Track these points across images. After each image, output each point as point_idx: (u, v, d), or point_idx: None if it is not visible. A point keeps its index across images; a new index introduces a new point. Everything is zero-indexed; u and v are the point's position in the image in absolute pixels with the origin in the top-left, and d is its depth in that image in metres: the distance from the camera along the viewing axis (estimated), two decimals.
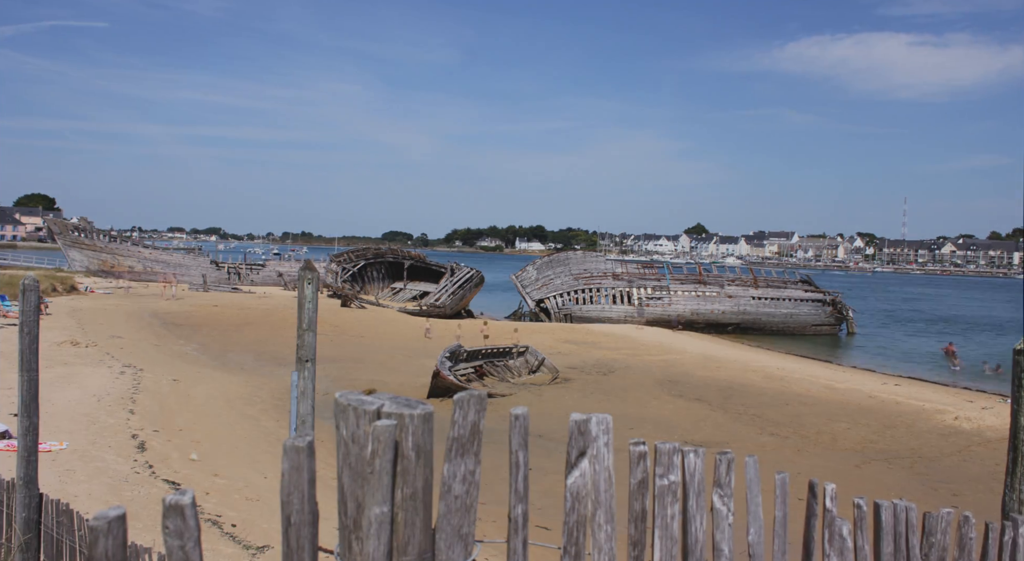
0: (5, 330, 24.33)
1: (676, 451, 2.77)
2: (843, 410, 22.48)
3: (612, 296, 51.58)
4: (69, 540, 5.77)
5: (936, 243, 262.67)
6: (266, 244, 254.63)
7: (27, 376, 5.99)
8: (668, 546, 2.72)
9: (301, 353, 6.65)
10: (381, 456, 1.90)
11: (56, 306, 34.21)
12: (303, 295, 6.53)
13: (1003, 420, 19.52)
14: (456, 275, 54.98)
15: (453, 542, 2.17)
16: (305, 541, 1.96)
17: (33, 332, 5.98)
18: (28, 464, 5.99)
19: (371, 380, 23.47)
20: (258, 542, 8.81)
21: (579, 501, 2.51)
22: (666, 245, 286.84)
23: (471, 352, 26.76)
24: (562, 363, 28.76)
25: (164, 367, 21.61)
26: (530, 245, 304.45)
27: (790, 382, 27.46)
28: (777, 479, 3.13)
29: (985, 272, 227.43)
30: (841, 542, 3.04)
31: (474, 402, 2.23)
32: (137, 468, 11.42)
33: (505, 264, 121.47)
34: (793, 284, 54.66)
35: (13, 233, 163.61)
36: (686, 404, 22.53)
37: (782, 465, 15.14)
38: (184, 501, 1.82)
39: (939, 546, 3.27)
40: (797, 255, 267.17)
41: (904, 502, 3.23)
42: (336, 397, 2.09)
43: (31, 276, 5.98)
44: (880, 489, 14.28)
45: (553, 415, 19.23)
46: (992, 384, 30.04)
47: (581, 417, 2.56)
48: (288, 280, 63.08)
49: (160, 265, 61.83)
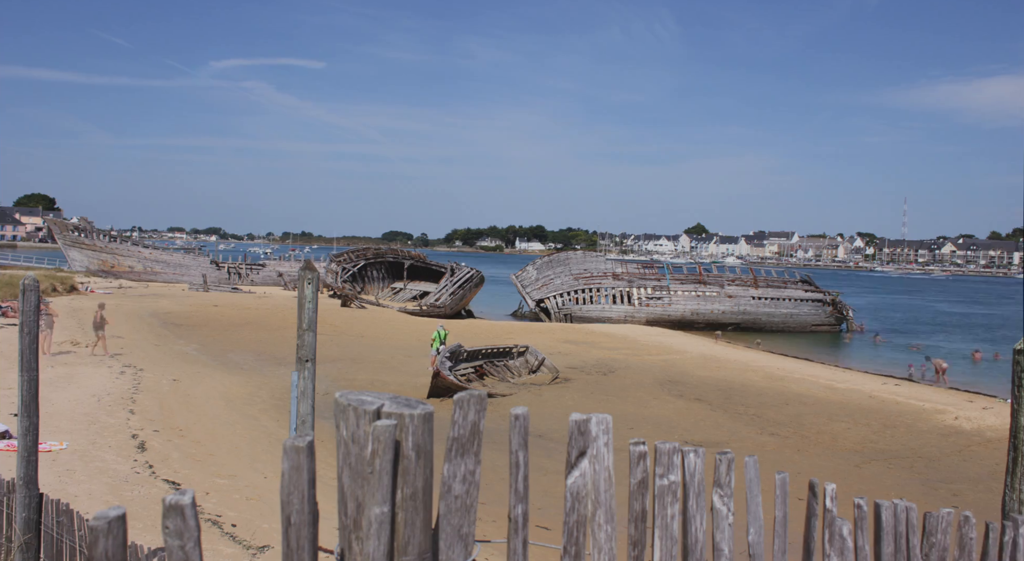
0: (5, 330, 24.33)
1: (676, 451, 2.77)
2: (843, 410, 22.48)
3: (612, 296, 51.59)
4: (69, 540, 5.77)
5: (936, 243, 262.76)
6: (265, 243, 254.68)
7: (27, 376, 5.99)
8: (668, 546, 2.72)
9: (301, 353, 6.65)
10: (381, 456, 1.90)
11: (56, 306, 34.21)
12: (303, 295, 6.53)
13: (1003, 420, 19.52)
14: (456, 275, 54.97)
15: (453, 542, 2.17)
16: (305, 541, 1.95)
17: (33, 332, 5.98)
18: (28, 464, 5.99)
19: (371, 380, 23.47)
20: (258, 542, 8.81)
21: (579, 501, 2.51)
22: (666, 245, 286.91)
23: (471, 352, 26.77)
24: (562, 363, 28.76)
25: (164, 367, 21.61)
26: (530, 245, 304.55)
27: (790, 382, 27.47)
28: (777, 479, 3.13)
29: (985, 272, 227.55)
30: (841, 542, 3.04)
31: (474, 402, 2.23)
32: (137, 468, 11.42)
33: (505, 264, 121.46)
34: (793, 284, 54.68)
35: (13, 233, 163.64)
36: (686, 404, 22.53)
37: (782, 465, 15.14)
38: (184, 501, 1.82)
39: (939, 546, 3.27)
40: (797, 255, 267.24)
41: (904, 502, 3.23)
42: (336, 397, 2.09)
43: (31, 276, 5.98)
44: (880, 489, 14.29)
45: (553, 415, 19.24)
46: (993, 385, 30.04)
47: (581, 417, 2.56)
48: (288, 280, 63.08)
49: (160, 265, 61.83)
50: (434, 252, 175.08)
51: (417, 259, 64.63)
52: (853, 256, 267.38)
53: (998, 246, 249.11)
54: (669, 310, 51.42)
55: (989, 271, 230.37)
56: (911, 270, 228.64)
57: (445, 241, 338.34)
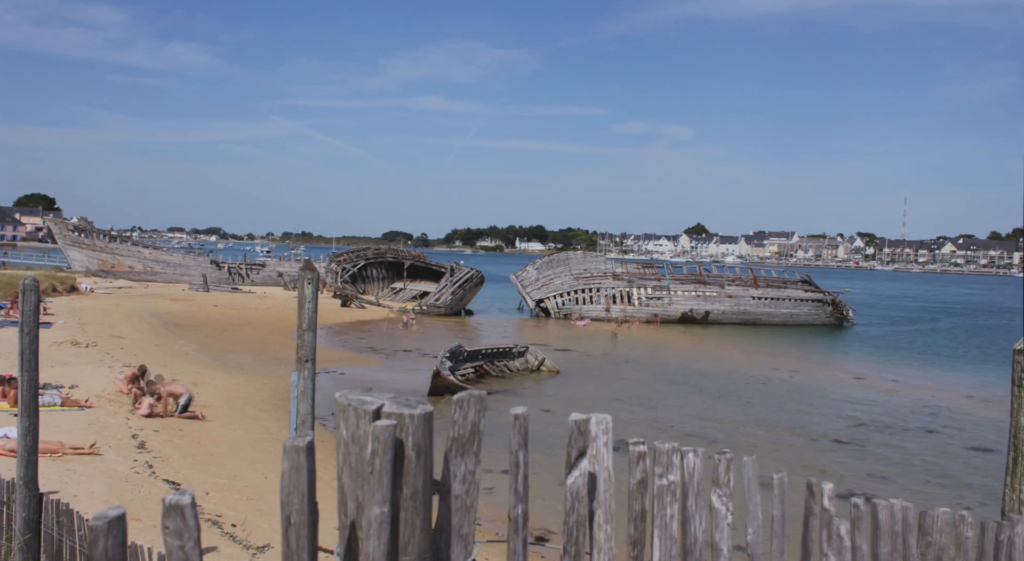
0: (5, 330, 24.33)
1: (675, 451, 2.77)
2: (843, 408, 22.53)
3: (612, 296, 51.60)
4: (69, 540, 5.78)
5: (936, 243, 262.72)
6: (265, 243, 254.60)
7: (27, 376, 6.00)
8: (667, 546, 2.73)
9: (301, 353, 6.66)
10: (381, 456, 1.91)
11: (56, 306, 34.21)
12: (303, 295, 6.54)
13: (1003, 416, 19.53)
14: (456, 275, 54.94)
15: (453, 542, 2.18)
16: (305, 541, 1.96)
17: (33, 332, 5.99)
18: (28, 464, 6.00)
19: (371, 379, 23.49)
20: (258, 542, 8.82)
21: (579, 501, 2.52)
22: (666, 245, 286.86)
23: (471, 352, 26.77)
24: (562, 363, 28.80)
25: (164, 367, 21.59)
26: (530, 245, 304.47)
27: (790, 380, 27.50)
28: (775, 479, 3.14)
29: (985, 272, 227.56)
30: (839, 542, 3.04)
31: (474, 402, 2.24)
32: (137, 468, 11.43)
33: (505, 264, 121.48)
34: (793, 284, 54.69)
35: (13, 233, 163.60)
36: (686, 403, 22.55)
37: (782, 465, 15.15)
38: (184, 501, 1.82)
39: (936, 545, 3.28)
40: (797, 255, 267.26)
41: (901, 501, 3.24)
42: (336, 397, 2.10)
43: (31, 276, 5.99)
44: (880, 489, 14.30)
45: (554, 415, 19.25)
46: (993, 384, 30.04)
47: (581, 417, 2.57)
48: (288, 280, 63.05)
49: (160, 265, 61.81)
50: (434, 252, 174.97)
51: (417, 259, 64.56)
52: (853, 256, 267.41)
53: (998, 246, 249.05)
54: (669, 310, 51.44)
55: (989, 271, 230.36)
56: (911, 270, 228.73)
57: (445, 241, 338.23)
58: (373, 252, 65.57)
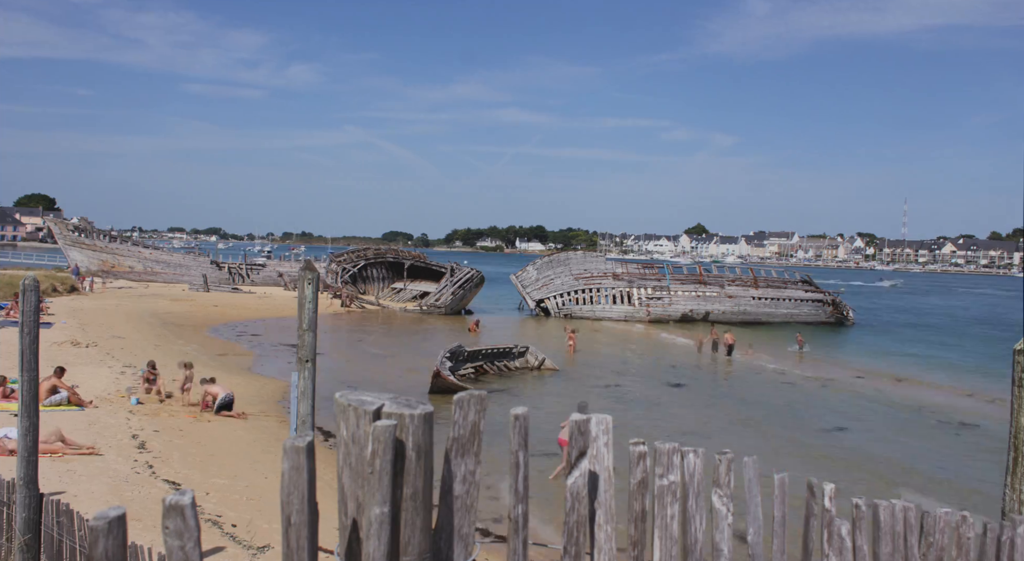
0: (6, 330, 24.32)
1: (676, 451, 2.77)
2: (844, 408, 22.53)
3: (612, 296, 51.59)
4: (69, 540, 5.77)
5: (936, 243, 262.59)
6: (264, 243, 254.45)
7: (27, 376, 6.00)
8: (668, 546, 2.72)
9: (301, 353, 6.66)
10: (381, 456, 1.91)
11: (56, 306, 34.20)
12: (303, 295, 6.54)
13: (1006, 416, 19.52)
14: (456, 275, 54.93)
15: (453, 542, 2.18)
16: (305, 541, 1.96)
17: (33, 332, 5.99)
18: (28, 464, 6.00)
19: (371, 379, 23.49)
20: (258, 542, 8.82)
21: (579, 501, 2.51)
22: (666, 245, 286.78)
23: (471, 352, 26.76)
24: (562, 362, 28.81)
25: (164, 367, 21.59)
26: (530, 245, 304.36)
27: (790, 379, 27.49)
28: (776, 479, 3.13)
29: (985, 271, 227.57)
30: (840, 542, 3.04)
31: (474, 402, 2.24)
32: (137, 468, 11.43)
33: (505, 264, 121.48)
34: (793, 284, 54.70)
35: (13, 233, 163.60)
36: (686, 402, 22.55)
37: (782, 464, 15.15)
38: (184, 501, 1.82)
39: (937, 546, 3.28)
40: (797, 255, 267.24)
41: (902, 502, 3.24)
42: (336, 397, 2.10)
43: (31, 276, 5.99)
44: (879, 489, 14.29)
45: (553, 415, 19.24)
46: (993, 384, 30.03)
47: (581, 417, 2.57)
48: (288, 280, 63.03)
49: (160, 265, 61.80)
50: (434, 252, 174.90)
51: (417, 259, 64.52)
52: (853, 256, 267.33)
53: (998, 246, 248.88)
54: (669, 310, 51.44)
55: (989, 271, 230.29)
56: (911, 270, 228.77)
57: (445, 241, 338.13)
58: (373, 252, 65.55)
